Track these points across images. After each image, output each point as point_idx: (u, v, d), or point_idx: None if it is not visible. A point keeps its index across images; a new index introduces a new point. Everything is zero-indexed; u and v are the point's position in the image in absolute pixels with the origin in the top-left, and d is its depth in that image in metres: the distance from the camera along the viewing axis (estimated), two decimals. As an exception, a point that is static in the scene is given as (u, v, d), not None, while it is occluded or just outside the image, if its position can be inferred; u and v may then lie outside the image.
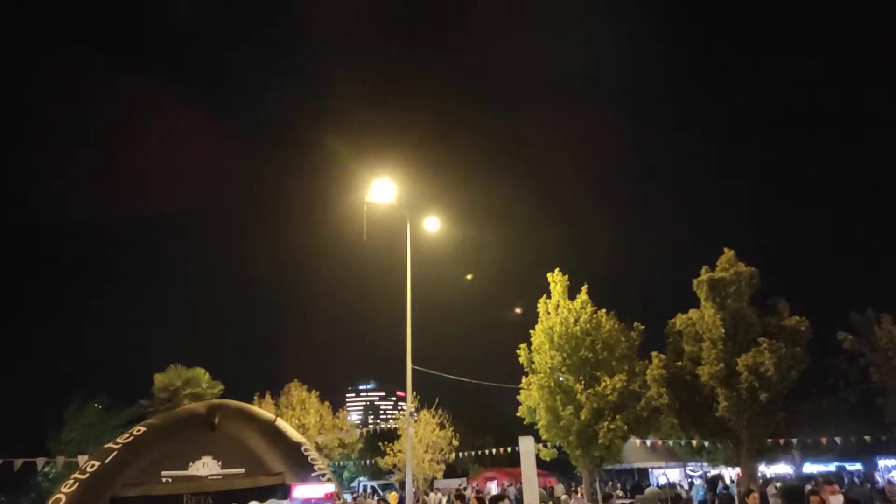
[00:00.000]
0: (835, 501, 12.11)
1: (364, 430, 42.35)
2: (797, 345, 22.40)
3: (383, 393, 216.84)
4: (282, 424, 9.59)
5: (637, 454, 35.58)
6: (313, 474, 8.83)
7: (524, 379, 26.39)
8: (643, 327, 26.00)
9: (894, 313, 25.84)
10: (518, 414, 26.68)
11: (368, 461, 43.32)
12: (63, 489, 7.47)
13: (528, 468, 17.03)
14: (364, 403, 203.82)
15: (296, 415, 36.53)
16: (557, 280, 25.97)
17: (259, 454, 8.81)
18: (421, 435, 32.21)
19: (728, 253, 24.45)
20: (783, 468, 38.06)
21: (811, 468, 36.91)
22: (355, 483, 46.34)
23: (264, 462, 8.77)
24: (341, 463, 42.27)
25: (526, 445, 17.17)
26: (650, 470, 39.94)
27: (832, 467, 36.86)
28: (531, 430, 24.47)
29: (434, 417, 33.52)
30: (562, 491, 34.94)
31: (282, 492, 8.53)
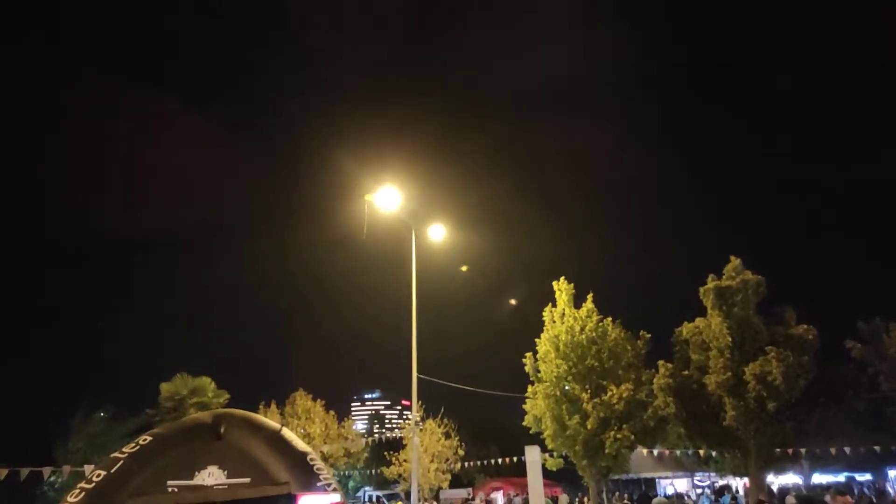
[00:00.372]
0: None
1: (369, 440, 42.30)
2: (805, 353, 22.27)
3: (388, 402, 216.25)
4: (287, 434, 9.57)
5: (644, 464, 35.36)
6: (319, 484, 8.80)
7: (530, 388, 26.28)
8: (649, 336, 25.91)
9: (903, 321, 25.70)
10: (524, 423, 26.54)
11: (374, 471, 43.26)
12: (69, 499, 7.46)
13: (535, 478, 16.91)
14: (369, 413, 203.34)
15: (301, 424, 36.54)
16: (563, 288, 25.90)
17: (265, 463, 8.78)
18: (426, 444, 32.13)
19: (734, 261, 24.36)
20: (792, 478, 37.75)
21: (820, 479, 36.58)
22: (361, 493, 46.23)
23: (270, 471, 8.74)
24: (347, 472, 42.16)
25: (532, 455, 17.07)
26: (657, 480, 39.70)
27: (842, 478, 36.53)
28: (537, 440, 24.35)
29: (439, 427, 33.44)
30: (566, 501, 34.75)
31: (287, 501, 8.50)
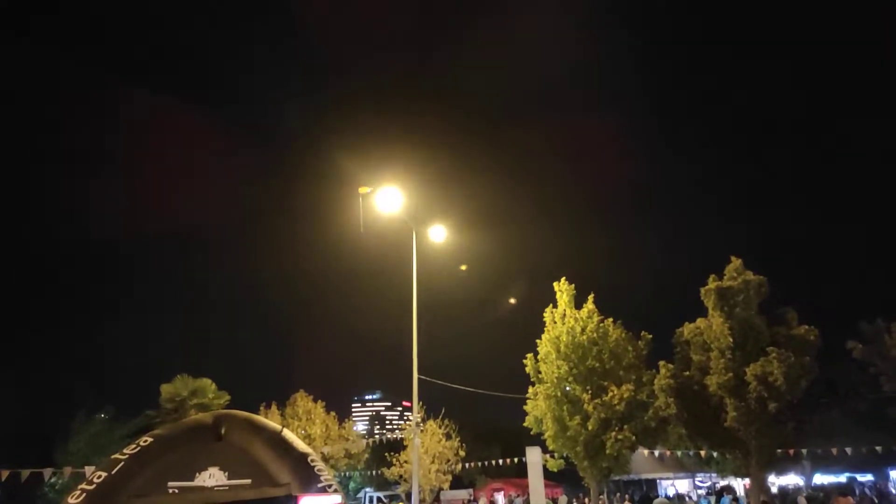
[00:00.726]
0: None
1: (370, 441, 42.25)
2: (806, 354, 22.24)
3: (389, 403, 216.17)
4: (288, 435, 9.56)
5: (645, 465, 35.36)
6: (320, 485, 8.79)
7: (531, 389, 26.28)
8: (650, 337, 25.91)
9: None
10: (525, 424, 26.54)
11: (374, 472, 43.19)
12: (70, 500, 7.46)
13: (536, 479, 16.92)
14: (370, 413, 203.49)
15: (302, 425, 36.53)
16: (564, 289, 25.89)
17: (265, 465, 8.78)
18: (427, 445, 32.10)
19: (736, 261, 24.32)
20: (793, 479, 37.70)
21: (821, 479, 36.53)
22: (361, 494, 46.14)
23: (271, 473, 8.74)
24: (347, 473, 42.13)
25: (533, 456, 17.08)
26: (658, 481, 39.67)
27: (843, 478, 36.46)
28: (538, 441, 24.34)
29: (440, 428, 33.40)
30: (564, 502, 34.71)
31: (288, 503, 8.50)
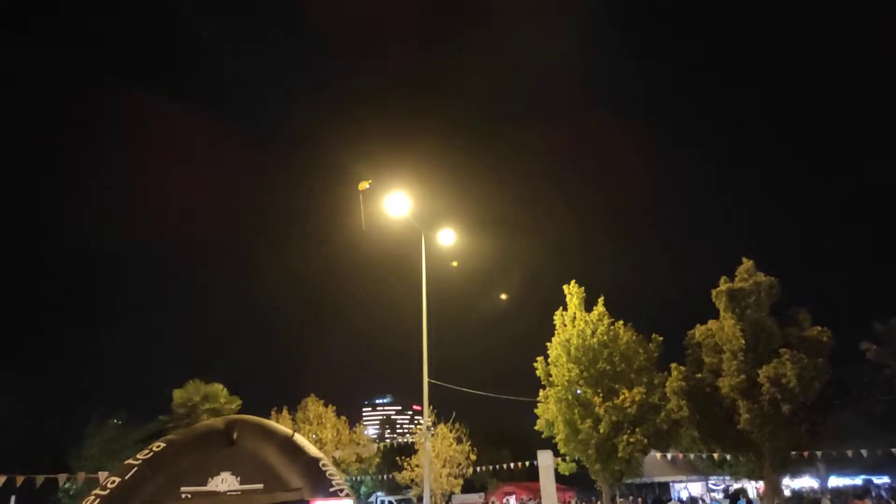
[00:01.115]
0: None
1: (381, 445, 42.25)
2: (819, 355, 22.02)
3: (400, 407, 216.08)
4: (299, 439, 9.59)
5: (657, 468, 35.13)
6: (331, 489, 8.82)
7: (541, 392, 26.17)
8: (662, 339, 25.74)
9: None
10: (536, 427, 26.42)
11: (386, 476, 43.17)
12: (84, 505, 7.52)
13: (547, 482, 16.87)
14: (381, 418, 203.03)
15: (313, 429, 36.53)
16: (574, 292, 25.79)
17: (277, 469, 8.82)
18: (438, 449, 32.02)
19: (747, 263, 24.15)
20: (808, 482, 37.29)
21: (837, 482, 36.12)
22: (373, 498, 46.17)
23: (283, 477, 8.77)
24: (359, 478, 42.12)
25: (544, 459, 17.03)
26: (671, 484, 39.40)
27: (859, 480, 36.03)
28: (549, 444, 24.22)
29: (451, 431, 33.31)
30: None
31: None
